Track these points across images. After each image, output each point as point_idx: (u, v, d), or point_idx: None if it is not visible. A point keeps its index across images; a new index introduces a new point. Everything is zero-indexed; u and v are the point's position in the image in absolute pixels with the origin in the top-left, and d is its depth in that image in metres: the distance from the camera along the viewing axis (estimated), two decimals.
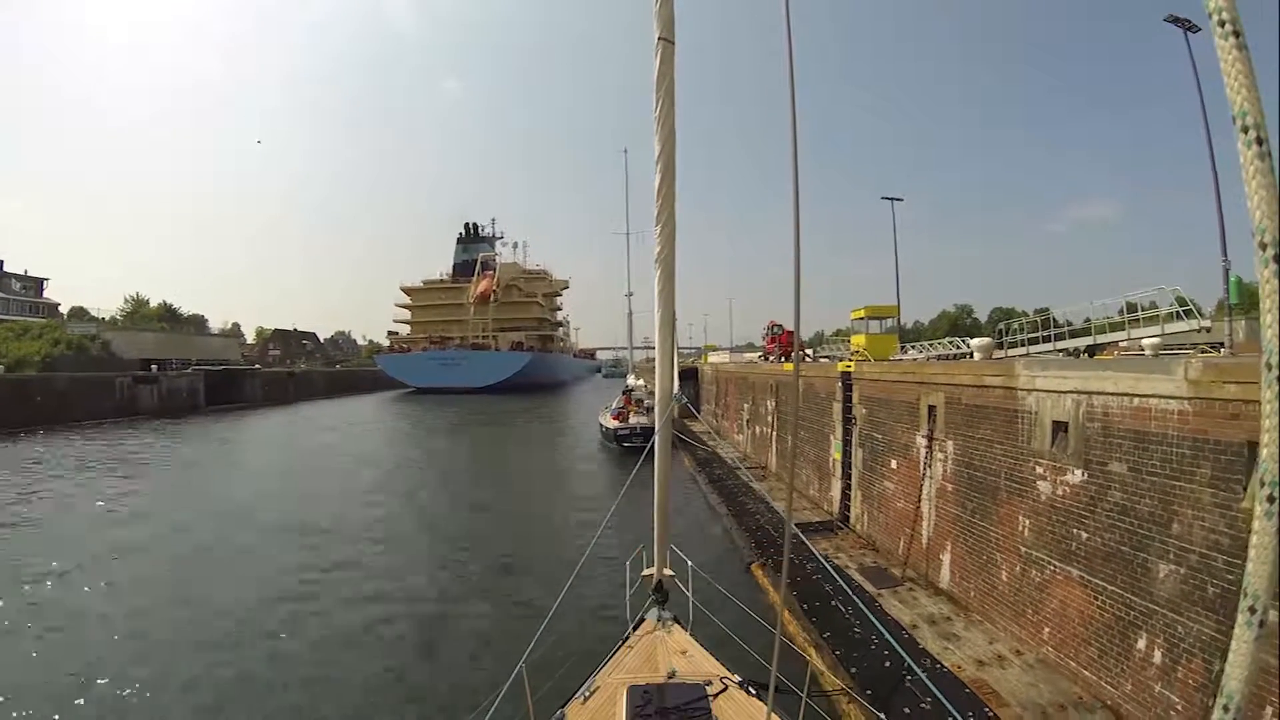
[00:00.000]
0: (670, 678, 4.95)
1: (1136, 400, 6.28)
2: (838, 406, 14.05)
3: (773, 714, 4.19)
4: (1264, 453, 1.35)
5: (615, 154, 79.07)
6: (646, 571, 6.49)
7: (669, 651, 5.47)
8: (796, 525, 13.10)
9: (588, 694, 4.90)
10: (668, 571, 6.39)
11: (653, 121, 5.46)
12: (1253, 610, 1.39)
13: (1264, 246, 1.34)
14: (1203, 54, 16.23)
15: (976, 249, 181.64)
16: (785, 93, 3.19)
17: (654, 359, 7.43)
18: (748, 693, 4.81)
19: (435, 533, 14.87)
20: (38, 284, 73.48)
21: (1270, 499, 1.34)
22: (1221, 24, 1.43)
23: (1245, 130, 1.38)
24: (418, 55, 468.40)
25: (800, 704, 4.51)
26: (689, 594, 6.54)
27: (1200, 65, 16.09)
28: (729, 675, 5.03)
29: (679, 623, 6.03)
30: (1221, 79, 1.43)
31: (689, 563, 6.77)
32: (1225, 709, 1.43)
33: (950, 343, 22.68)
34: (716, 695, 4.66)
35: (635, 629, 5.95)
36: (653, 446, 6.12)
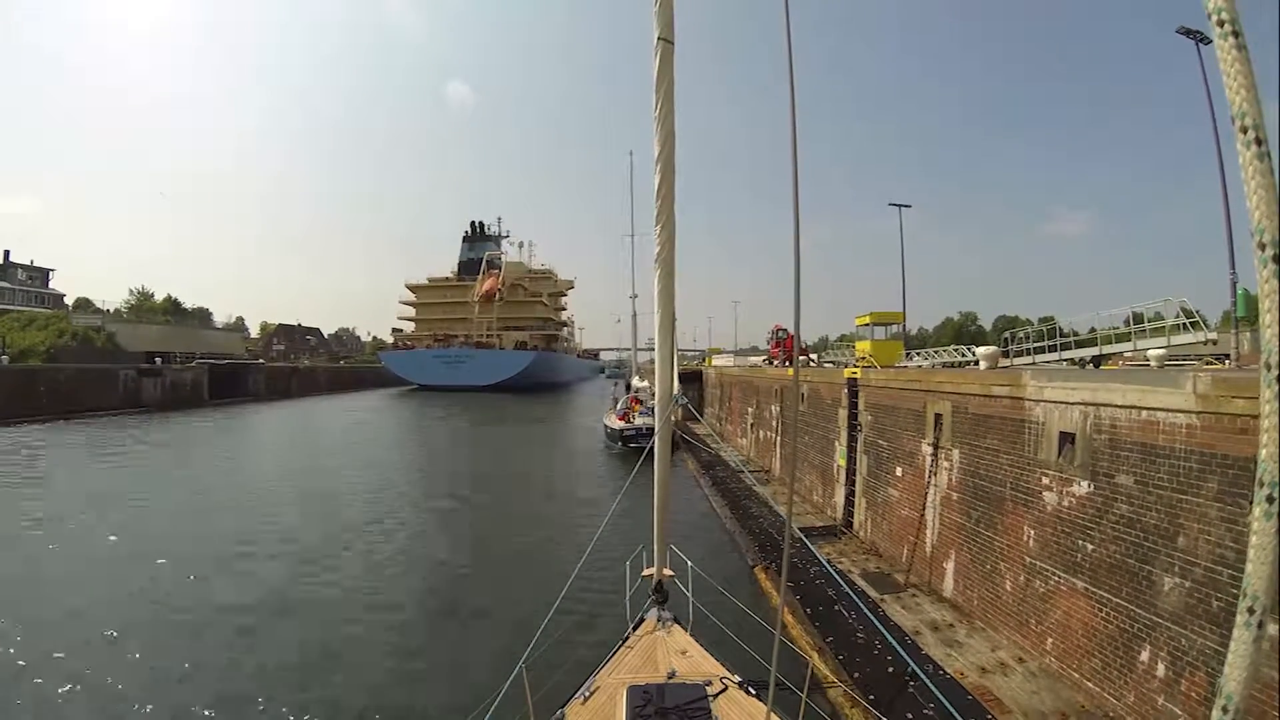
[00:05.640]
0: (670, 678, 4.97)
1: (1144, 413, 6.30)
2: (843, 413, 14.07)
3: (772, 714, 4.22)
4: (1263, 453, 1.37)
5: (621, 155, 79.31)
6: (646, 571, 6.52)
7: (669, 651, 5.49)
8: (800, 530, 13.12)
9: (588, 694, 4.93)
10: (668, 572, 6.43)
11: (652, 122, 5.50)
12: (1251, 611, 1.40)
13: (1263, 246, 1.36)
14: (1210, 62, 16.26)
15: (978, 255, 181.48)
16: (787, 95, 3.23)
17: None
18: (748, 693, 4.84)
19: (435, 531, 14.89)
20: (44, 275, 73.73)
21: (1270, 499, 1.36)
22: (1221, 24, 1.44)
23: (1245, 131, 1.39)
24: (424, 57, 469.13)
25: (800, 704, 4.54)
26: (689, 594, 6.56)
27: (1207, 73, 16.12)
28: (729, 675, 5.05)
29: (679, 623, 6.05)
30: (1221, 80, 1.44)
31: (689, 563, 6.81)
32: (1224, 710, 1.44)
33: (955, 350, 22.68)
34: (716, 695, 4.69)
35: (635, 629, 5.97)
36: (653, 447, 6.16)
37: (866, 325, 20.18)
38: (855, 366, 15.35)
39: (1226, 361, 14.32)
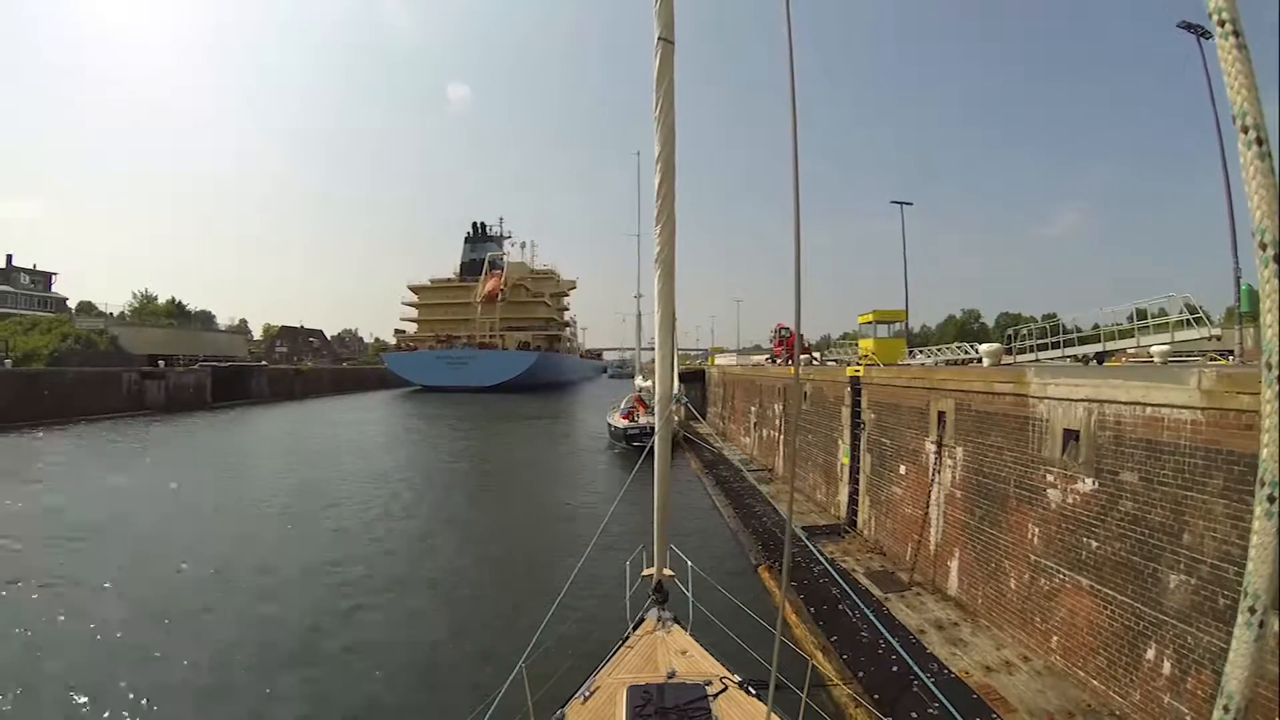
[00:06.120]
0: (670, 678, 4.97)
1: (1149, 409, 6.26)
2: (846, 411, 14.04)
3: (772, 714, 4.21)
4: (1264, 452, 1.36)
5: (624, 155, 79.19)
6: (646, 571, 6.52)
7: (669, 651, 5.49)
8: (802, 529, 13.10)
9: (588, 694, 4.93)
10: (668, 571, 6.42)
11: (652, 122, 5.49)
12: (1253, 610, 1.40)
13: (1264, 246, 1.36)
14: (1211, 61, 16.18)
15: (979, 254, 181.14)
16: (786, 95, 3.22)
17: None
18: (748, 693, 4.83)
19: (437, 532, 14.91)
20: (46, 278, 73.91)
21: (1270, 499, 1.35)
22: (1221, 24, 1.44)
23: (1245, 130, 1.39)
24: (424, 57, 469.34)
25: (800, 704, 4.53)
26: (689, 594, 6.56)
27: (1209, 73, 16.04)
28: (729, 675, 5.05)
29: (679, 623, 6.05)
30: (1222, 79, 1.44)
31: (689, 563, 6.81)
32: (1225, 709, 1.44)
33: (959, 348, 22.64)
34: (716, 695, 4.68)
35: (635, 629, 5.97)
36: (653, 447, 6.16)
37: (869, 323, 20.12)
38: (858, 364, 15.32)
39: (1230, 357, 14.26)
